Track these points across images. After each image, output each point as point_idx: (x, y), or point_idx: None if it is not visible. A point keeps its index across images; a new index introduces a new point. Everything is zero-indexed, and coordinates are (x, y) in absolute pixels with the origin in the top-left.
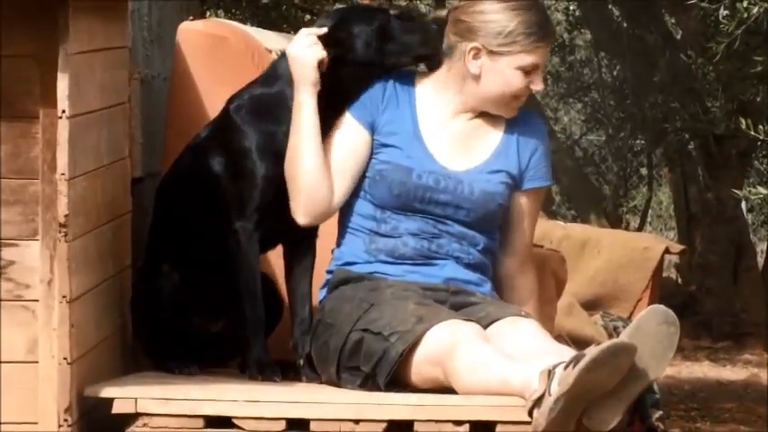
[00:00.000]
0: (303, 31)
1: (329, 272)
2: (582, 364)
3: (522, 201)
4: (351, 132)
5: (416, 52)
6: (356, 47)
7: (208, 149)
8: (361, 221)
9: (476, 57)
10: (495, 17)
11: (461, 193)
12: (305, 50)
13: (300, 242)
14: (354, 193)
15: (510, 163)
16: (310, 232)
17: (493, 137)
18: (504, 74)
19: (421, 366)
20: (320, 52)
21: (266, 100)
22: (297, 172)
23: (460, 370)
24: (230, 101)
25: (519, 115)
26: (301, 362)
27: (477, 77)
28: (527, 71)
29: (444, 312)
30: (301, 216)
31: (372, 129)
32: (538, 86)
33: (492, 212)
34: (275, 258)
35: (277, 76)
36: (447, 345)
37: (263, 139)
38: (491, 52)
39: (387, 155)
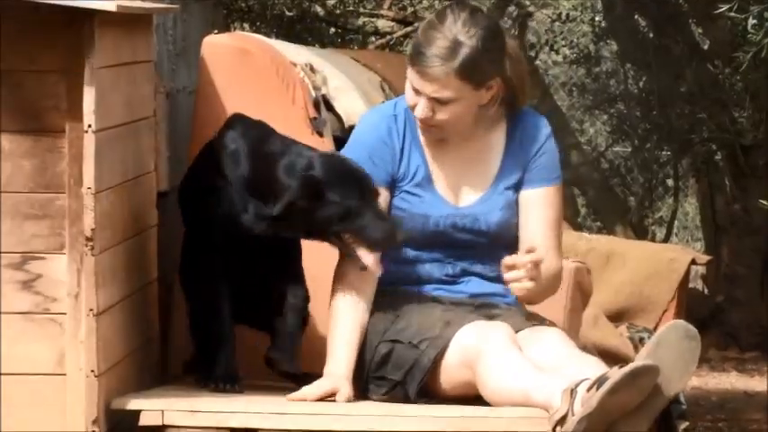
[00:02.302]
0: None
1: None
2: (605, 387)
3: (528, 200)
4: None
5: (367, 245)
6: (321, 211)
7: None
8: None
9: None
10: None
11: (480, 228)
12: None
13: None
14: None
15: (515, 173)
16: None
17: (497, 152)
18: (407, 83)
19: (450, 370)
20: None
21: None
22: None
23: (486, 378)
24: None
25: (521, 118)
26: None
27: None
28: (416, 91)
29: (472, 315)
30: None
31: (392, 182)
32: (417, 113)
33: (511, 229)
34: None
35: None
36: (475, 347)
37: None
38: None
39: (403, 201)
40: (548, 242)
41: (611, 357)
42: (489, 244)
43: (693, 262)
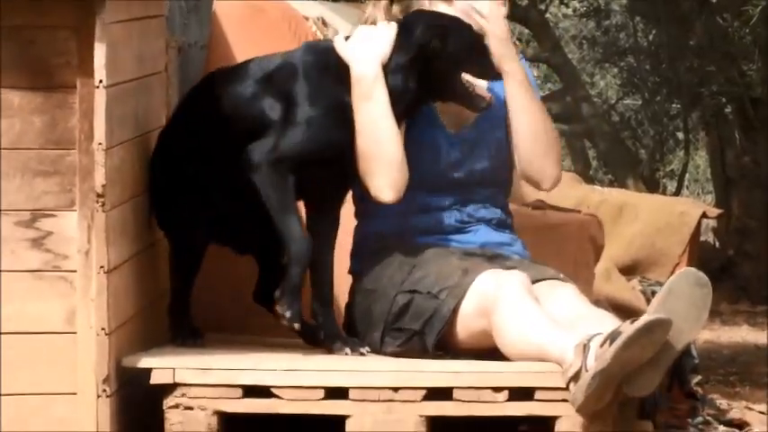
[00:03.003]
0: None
1: (360, 242)
2: (618, 342)
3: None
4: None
5: (491, 70)
6: (448, 51)
7: (269, 84)
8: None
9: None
10: None
11: (481, 153)
12: (380, 39)
13: (326, 207)
14: None
15: (500, 91)
16: (338, 195)
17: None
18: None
19: (467, 319)
20: (389, 34)
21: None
22: (380, 147)
23: (502, 328)
24: (306, 50)
25: None
26: (322, 333)
27: None
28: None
29: (488, 263)
30: (389, 191)
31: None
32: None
33: (508, 159)
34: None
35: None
36: (492, 295)
37: (331, 101)
38: None
39: (412, 144)
40: None
41: (623, 311)
42: (488, 180)
43: (704, 215)
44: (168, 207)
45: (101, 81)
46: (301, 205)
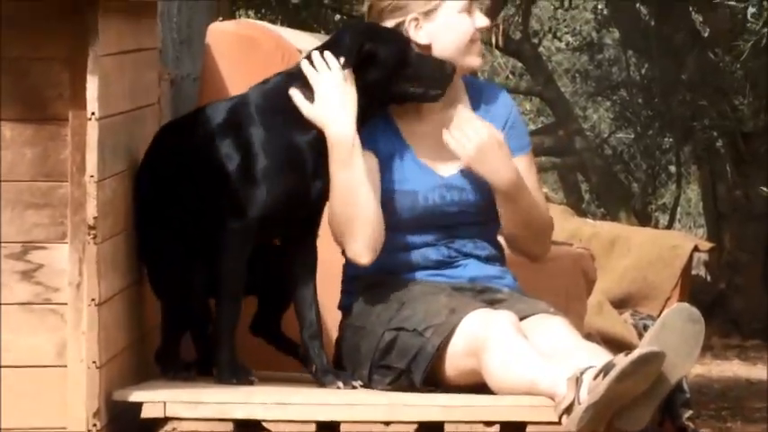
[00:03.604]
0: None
1: (349, 279)
2: (612, 374)
3: None
4: (367, 162)
5: (426, 87)
6: (373, 66)
7: (221, 134)
8: None
9: (417, 27)
10: None
11: (467, 199)
12: (346, 85)
13: (301, 240)
14: None
15: None
16: (312, 230)
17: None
18: (450, 25)
19: (456, 358)
20: (352, 85)
21: (293, 104)
22: (358, 211)
23: (492, 364)
24: (251, 94)
25: (483, 92)
26: (314, 367)
27: (428, 47)
28: (468, 11)
29: (476, 303)
30: (368, 254)
31: (376, 155)
32: (483, 22)
33: (494, 203)
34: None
35: (304, 78)
36: (481, 335)
37: (287, 148)
38: (427, 13)
39: (388, 182)
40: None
41: (615, 345)
42: (477, 217)
43: (696, 249)
44: (160, 272)
45: (93, 113)
46: None
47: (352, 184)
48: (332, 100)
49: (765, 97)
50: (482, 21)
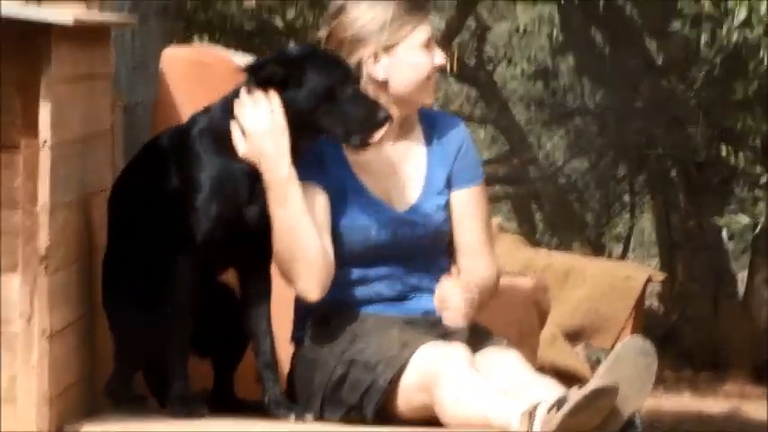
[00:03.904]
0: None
1: (302, 311)
2: (565, 408)
3: (457, 201)
4: (315, 197)
5: (348, 130)
6: (300, 92)
7: (162, 167)
8: None
9: (375, 61)
10: (371, 15)
11: (419, 234)
12: (274, 118)
13: (254, 269)
14: None
15: (442, 175)
16: (263, 258)
17: (419, 154)
18: (410, 60)
19: (408, 393)
20: (283, 118)
21: (229, 130)
22: (301, 250)
23: (444, 398)
24: (189, 124)
25: (436, 122)
26: (267, 398)
27: (385, 82)
28: (426, 47)
29: (429, 337)
30: (315, 290)
31: (327, 190)
32: (441, 59)
33: (447, 233)
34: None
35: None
36: (433, 370)
37: (222, 175)
38: (387, 48)
39: (339, 217)
40: (482, 244)
41: (568, 378)
42: (430, 251)
43: (649, 280)
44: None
45: (45, 141)
46: None
47: (291, 221)
48: (262, 139)
49: (719, 126)
50: (440, 58)
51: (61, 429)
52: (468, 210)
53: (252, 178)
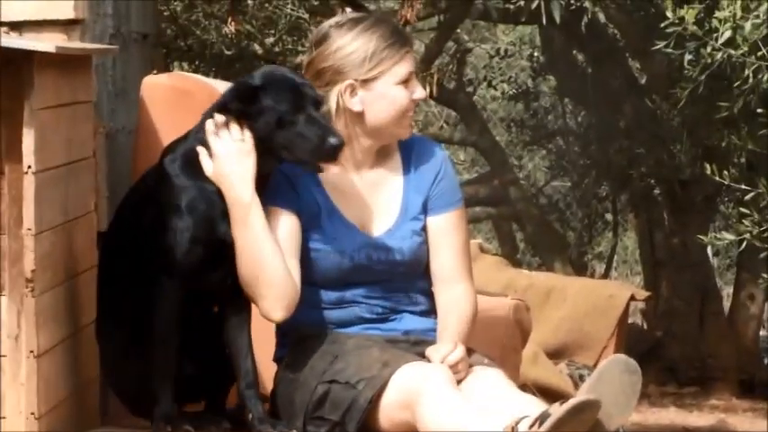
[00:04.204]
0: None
1: (283, 331)
2: (548, 423)
3: (435, 227)
4: (283, 221)
5: (301, 155)
6: (259, 121)
7: (140, 202)
8: (305, 290)
9: (352, 94)
10: (352, 47)
11: (394, 259)
12: (241, 142)
13: (233, 290)
14: None
15: (419, 200)
16: (241, 289)
17: (396, 181)
18: (386, 95)
19: (390, 411)
20: (249, 144)
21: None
22: (262, 271)
23: (426, 417)
24: (164, 153)
25: (414, 147)
26: (250, 416)
27: (361, 114)
28: (405, 82)
29: (409, 356)
30: (277, 311)
31: (298, 214)
32: (420, 94)
33: (424, 257)
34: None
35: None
36: (414, 389)
37: (194, 196)
38: (364, 82)
39: (315, 241)
40: (461, 270)
41: (550, 395)
42: (407, 274)
43: (632, 298)
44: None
45: (29, 167)
46: None
47: (253, 243)
48: (226, 162)
49: (702, 145)
50: (419, 94)
51: None
52: (445, 234)
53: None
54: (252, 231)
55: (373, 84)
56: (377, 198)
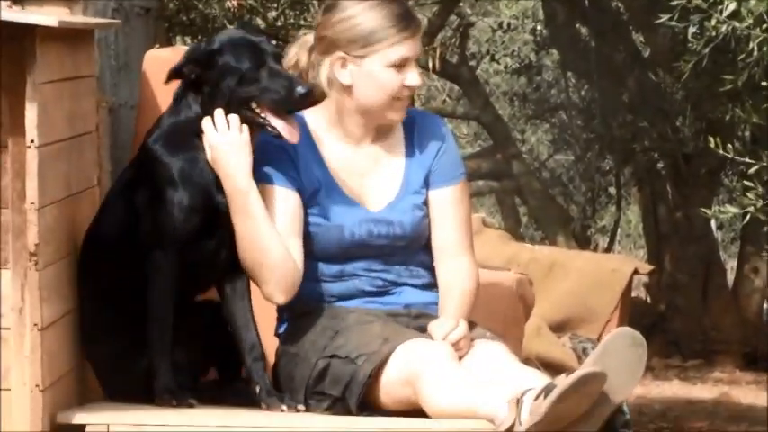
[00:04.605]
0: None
1: (285, 306)
2: (554, 394)
3: (437, 200)
4: (283, 200)
5: (270, 104)
6: (221, 81)
7: (131, 183)
8: (306, 264)
9: (343, 66)
10: (353, 22)
11: (395, 233)
12: (236, 133)
13: (230, 272)
14: None
15: (420, 175)
16: (238, 262)
17: (398, 155)
18: (375, 76)
19: (390, 387)
20: (246, 134)
21: (181, 127)
22: (263, 256)
23: (429, 392)
24: (148, 134)
25: (416, 122)
26: (258, 389)
27: (350, 88)
28: (398, 66)
29: (410, 332)
30: (280, 295)
31: (299, 191)
32: (413, 81)
33: (425, 231)
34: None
35: (184, 103)
36: (415, 365)
37: (183, 167)
38: (355, 57)
39: (315, 216)
40: (462, 243)
41: (554, 368)
42: (407, 248)
43: (636, 271)
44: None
45: (32, 141)
46: None
47: (253, 230)
48: (223, 152)
49: (706, 118)
50: (413, 80)
51: (54, 419)
52: (446, 208)
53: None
54: (252, 219)
55: (361, 61)
56: (378, 172)
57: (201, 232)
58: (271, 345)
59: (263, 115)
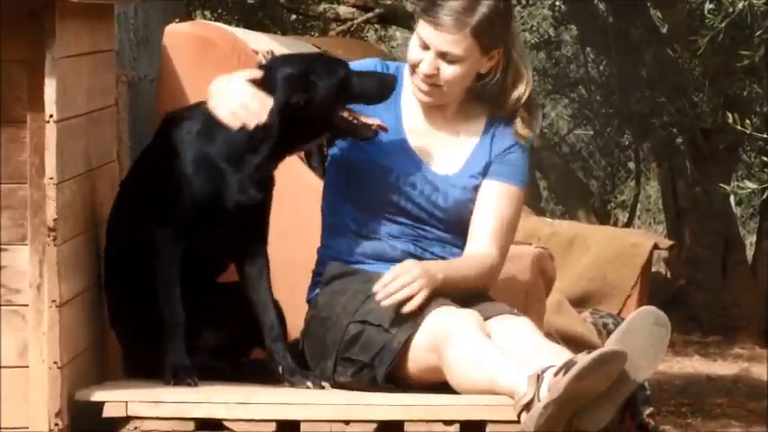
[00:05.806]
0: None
1: (318, 271)
2: (573, 371)
3: (486, 191)
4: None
5: (370, 101)
6: (316, 99)
7: (147, 163)
8: (342, 221)
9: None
10: None
11: (436, 201)
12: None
13: (249, 250)
14: (335, 193)
15: (483, 161)
16: (258, 243)
17: (474, 135)
18: (412, 38)
19: (417, 353)
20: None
21: (204, 120)
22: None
23: (452, 363)
24: (177, 116)
25: (501, 121)
26: (280, 369)
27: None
28: (423, 46)
29: (441, 299)
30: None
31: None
32: (422, 67)
33: (466, 214)
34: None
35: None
36: (443, 331)
37: (199, 154)
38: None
39: (370, 153)
40: (495, 242)
41: (574, 343)
42: (445, 223)
43: (656, 246)
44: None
45: (51, 116)
46: None
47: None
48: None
49: (724, 94)
50: (422, 66)
51: (72, 396)
52: (492, 202)
53: (233, 164)
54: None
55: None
56: (449, 141)
57: (207, 224)
58: (299, 315)
59: (354, 122)
